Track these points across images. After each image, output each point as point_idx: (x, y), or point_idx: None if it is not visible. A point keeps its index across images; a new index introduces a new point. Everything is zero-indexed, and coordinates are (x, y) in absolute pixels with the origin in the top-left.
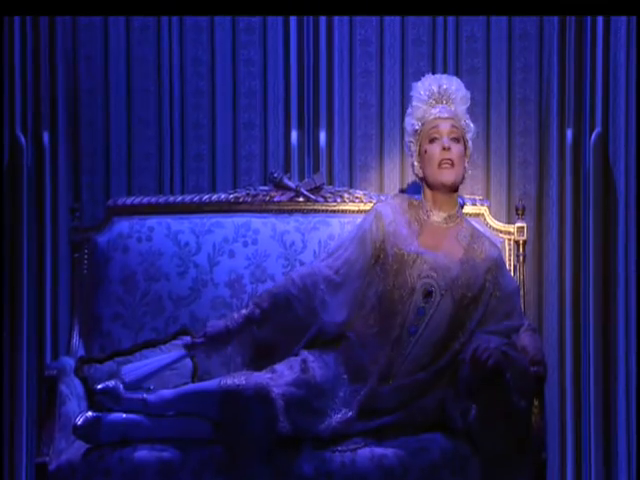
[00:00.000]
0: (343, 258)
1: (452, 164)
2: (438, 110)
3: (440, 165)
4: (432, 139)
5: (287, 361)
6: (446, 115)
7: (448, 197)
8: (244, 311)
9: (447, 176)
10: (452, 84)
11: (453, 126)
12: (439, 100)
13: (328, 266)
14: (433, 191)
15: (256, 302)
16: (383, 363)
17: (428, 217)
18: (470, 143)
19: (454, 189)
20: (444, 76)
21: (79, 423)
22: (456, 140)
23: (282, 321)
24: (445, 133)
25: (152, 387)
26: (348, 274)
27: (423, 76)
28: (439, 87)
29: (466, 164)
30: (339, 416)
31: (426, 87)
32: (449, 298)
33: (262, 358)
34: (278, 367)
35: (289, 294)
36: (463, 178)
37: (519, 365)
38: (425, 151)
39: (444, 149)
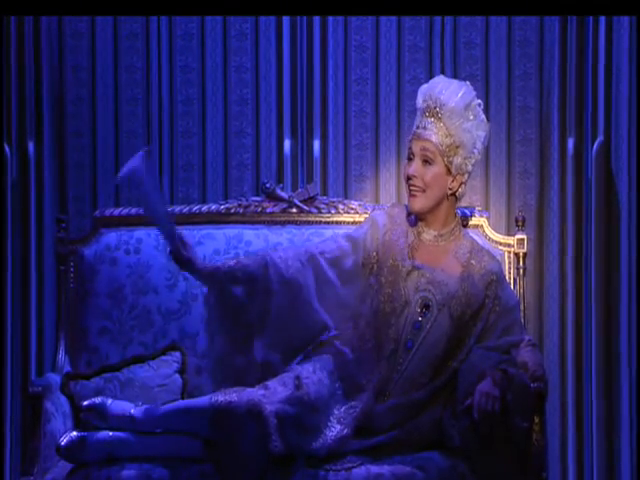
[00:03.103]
0: (334, 247)
1: (417, 191)
2: (421, 126)
3: (408, 190)
4: (408, 155)
5: (280, 377)
6: (422, 136)
7: (434, 215)
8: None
9: (411, 204)
10: (443, 94)
11: (424, 148)
12: (429, 112)
13: (316, 247)
14: None
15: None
16: (379, 378)
17: (419, 234)
18: (458, 160)
19: (425, 213)
20: (443, 82)
21: (63, 444)
22: (429, 162)
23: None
24: (417, 154)
25: (140, 403)
26: (335, 263)
27: (420, 84)
28: (429, 98)
29: (450, 183)
30: (334, 434)
31: (423, 92)
32: (447, 314)
33: (235, 323)
34: (271, 384)
35: (270, 258)
36: (442, 198)
37: (519, 382)
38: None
39: (408, 177)
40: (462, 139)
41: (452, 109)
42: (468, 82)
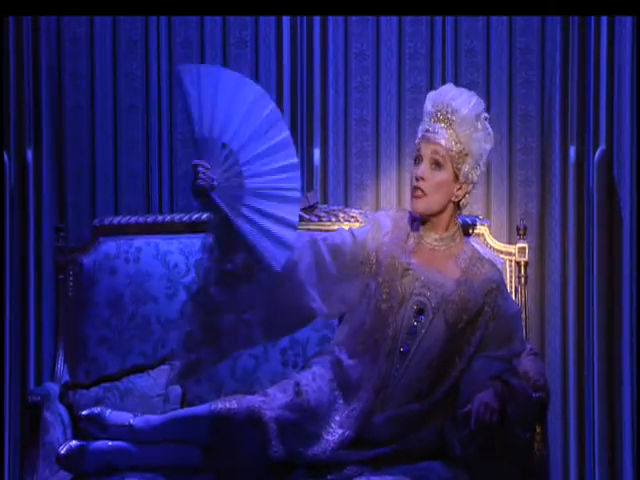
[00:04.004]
0: (337, 237)
1: (423, 193)
2: (432, 130)
3: (412, 191)
4: (415, 158)
5: (280, 384)
6: (432, 139)
7: (437, 219)
8: None
9: (415, 204)
10: (455, 101)
11: (435, 151)
12: (439, 118)
13: (320, 234)
14: None
15: None
16: (377, 377)
17: (421, 238)
18: (466, 168)
19: (431, 215)
20: (453, 91)
21: (62, 453)
22: (437, 166)
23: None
24: (425, 157)
25: (139, 413)
26: (335, 254)
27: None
28: (441, 103)
29: (456, 191)
30: (336, 438)
31: (433, 98)
32: (442, 317)
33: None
34: (270, 390)
35: None
36: (446, 204)
37: (521, 393)
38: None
39: (416, 178)
40: (471, 148)
41: (464, 117)
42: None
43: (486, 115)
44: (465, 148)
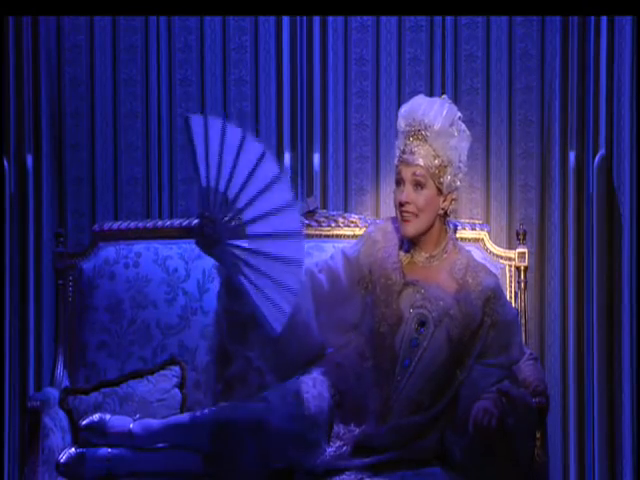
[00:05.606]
0: (331, 264)
1: (413, 215)
2: (408, 151)
3: (401, 216)
4: (397, 181)
5: (281, 391)
6: (411, 161)
7: (427, 237)
8: None
9: (405, 229)
10: (427, 116)
11: (415, 174)
12: (414, 135)
13: (315, 265)
14: None
15: None
16: (378, 404)
17: (412, 256)
18: (448, 179)
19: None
20: (425, 103)
21: (62, 461)
22: (420, 186)
23: None
24: (407, 180)
25: (138, 416)
26: (333, 280)
27: None
28: (413, 121)
29: (442, 203)
30: (333, 449)
31: (405, 115)
32: (444, 331)
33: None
34: (272, 398)
35: None
36: (434, 220)
37: (523, 405)
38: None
39: (401, 203)
40: (450, 157)
41: (438, 131)
42: (445, 96)
43: (459, 115)
44: (444, 160)
